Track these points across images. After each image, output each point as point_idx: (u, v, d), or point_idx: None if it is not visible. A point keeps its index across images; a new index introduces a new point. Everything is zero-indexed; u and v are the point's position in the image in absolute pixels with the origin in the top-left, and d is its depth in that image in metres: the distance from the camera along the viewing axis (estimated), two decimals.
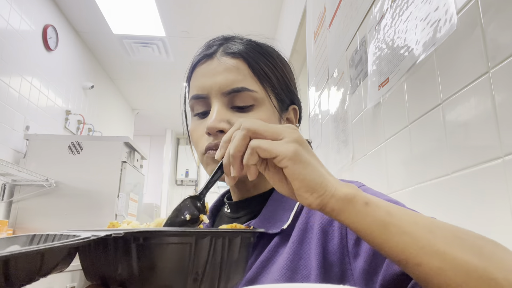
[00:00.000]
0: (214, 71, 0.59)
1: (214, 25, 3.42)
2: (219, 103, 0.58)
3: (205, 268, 0.38)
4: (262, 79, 0.60)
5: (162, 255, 0.36)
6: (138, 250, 0.36)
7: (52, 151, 2.62)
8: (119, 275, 0.37)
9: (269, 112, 0.60)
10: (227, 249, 0.40)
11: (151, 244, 0.36)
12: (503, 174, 0.57)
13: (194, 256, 0.37)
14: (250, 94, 0.58)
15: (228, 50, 0.61)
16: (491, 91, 0.60)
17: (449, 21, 0.72)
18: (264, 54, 0.62)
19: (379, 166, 1.05)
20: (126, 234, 0.34)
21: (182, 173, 6.39)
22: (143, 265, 0.36)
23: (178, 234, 0.37)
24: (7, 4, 2.51)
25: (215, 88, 0.58)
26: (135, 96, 5.08)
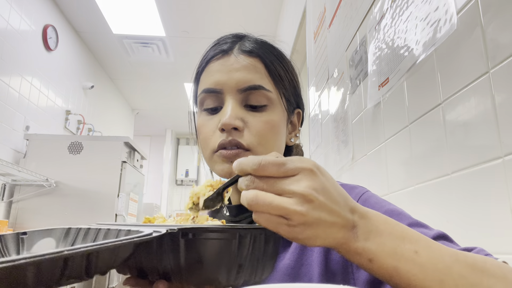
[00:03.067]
0: (231, 67, 0.58)
1: (214, 25, 3.42)
2: (234, 100, 0.57)
3: (246, 261, 0.40)
4: (276, 80, 0.60)
5: (209, 249, 0.38)
6: (187, 244, 0.38)
7: (52, 151, 2.62)
8: (163, 268, 0.39)
9: (281, 115, 0.60)
10: (263, 244, 0.41)
11: (200, 239, 0.38)
12: (503, 174, 0.57)
13: (238, 250, 0.39)
14: (266, 94, 0.58)
15: (245, 48, 0.60)
16: (491, 91, 0.60)
17: (449, 21, 0.72)
18: (278, 56, 0.63)
19: (379, 166, 1.05)
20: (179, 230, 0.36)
21: (182, 173, 6.39)
22: (190, 259, 0.38)
23: (223, 231, 0.38)
24: (7, 4, 2.51)
25: (231, 84, 0.57)
26: (135, 96, 5.08)
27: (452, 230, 0.70)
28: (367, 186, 1.14)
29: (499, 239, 0.58)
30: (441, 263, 0.35)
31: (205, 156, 0.61)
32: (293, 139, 0.65)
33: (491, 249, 0.60)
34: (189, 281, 0.39)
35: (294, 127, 0.66)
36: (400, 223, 0.38)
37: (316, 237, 0.34)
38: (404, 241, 0.36)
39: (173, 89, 4.80)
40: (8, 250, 0.42)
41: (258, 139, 0.56)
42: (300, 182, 0.33)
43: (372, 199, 0.52)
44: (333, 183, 0.36)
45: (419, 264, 0.35)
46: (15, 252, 0.43)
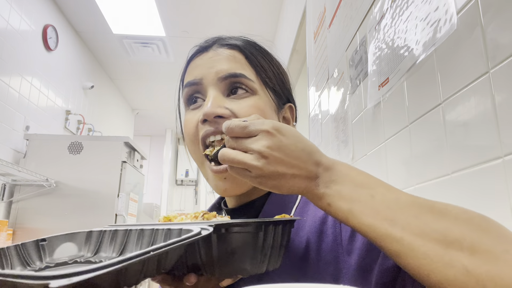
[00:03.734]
0: (210, 60, 0.58)
1: (214, 25, 3.42)
2: (215, 89, 0.56)
3: (270, 250, 0.44)
4: (258, 70, 0.59)
5: (239, 241, 0.41)
6: (219, 238, 0.40)
7: (52, 151, 2.62)
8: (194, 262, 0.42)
9: (265, 102, 0.58)
10: (280, 234, 0.46)
11: (231, 233, 0.41)
12: (503, 174, 0.57)
13: (264, 242, 0.43)
14: (247, 82, 0.56)
15: (224, 42, 0.60)
16: (491, 91, 0.60)
17: (449, 21, 0.72)
18: (260, 49, 0.62)
19: (379, 166, 1.05)
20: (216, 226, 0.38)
21: (182, 173, 6.39)
22: (222, 252, 0.41)
23: (249, 224, 0.42)
24: (7, 4, 2.51)
25: (211, 74, 0.56)
26: (135, 96, 5.08)
27: None
28: None
29: None
30: (395, 205, 0.37)
31: (195, 159, 0.60)
32: None
33: None
34: (220, 273, 0.41)
35: (288, 122, 0.65)
36: (367, 174, 0.41)
37: (280, 186, 0.40)
38: (362, 187, 0.39)
39: (173, 89, 4.75)
40: (31, 258, 0.43)
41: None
42: (258, 141, 0.39)
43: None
44: (294, 141, 0.40)
45: (372, 205, 0.38)
46: (38, 259, 0.43)
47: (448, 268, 0.32)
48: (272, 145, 0.39)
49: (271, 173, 0.39)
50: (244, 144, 0.40)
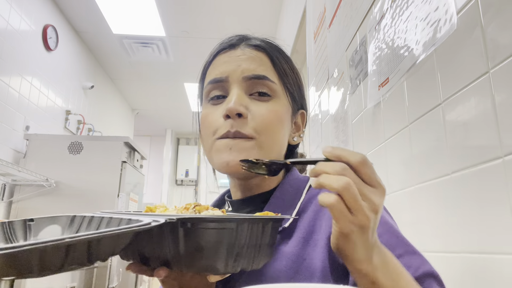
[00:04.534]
0: (238, 58, 0.59)
1: (214, 25, 3.42)
2: (239, 88, 0.58)
3: (244, 249, 0.42)
4: (281, 75, 0.61)
5: (207, 238, 0.40)
6: (186, 233, 0.39)
7: (52, 151, 2.62)
8: (164, 255, 0.41)
9: (285, 107, 0.60)
10: (261, 233, 0.44)
11: (198, 229, 0.39)
12: (503, 174, 0.57)
13: (235, 240, 0.41)
14: (271, 85, 0.58)
15: (251, 43, 0.62)
16: (491, 91, 0.60)
17: (449, 21, 0.72)
18: (283, 54, 0.64)
19: (379, 166, 1.05)
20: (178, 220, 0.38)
21: (182, 173, 6.39)
22: (189, 247, 0.40)
23: (221, 220, 0.40)
24: (7, 4, 2.51)
25: (237, 72, 0.58)
26: (135, 96, 5.08)
27: (452, 230, 0.70)
28: None
29: (499, 239, 0.58)
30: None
31: (206, 148, 0.61)
32: (296, 138, 0.65)
33: (491, 249, 0.60)
34: (188, 268, 0.41)
35: (298, 128, 0.66)
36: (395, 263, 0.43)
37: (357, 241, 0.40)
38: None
39: (173, 89, 4.79)
40: (16, 236, 0.45)
41: (262, 127, 0.56)
42: (377, 195, 0.39)
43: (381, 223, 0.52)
44: None
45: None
46: (22, 238, 0.45)
47: None
48: (382, 204, 0.40)
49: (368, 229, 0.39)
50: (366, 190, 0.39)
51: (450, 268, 0.70)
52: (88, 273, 2.34)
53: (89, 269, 2.34)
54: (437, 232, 0.76)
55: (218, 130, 0.57)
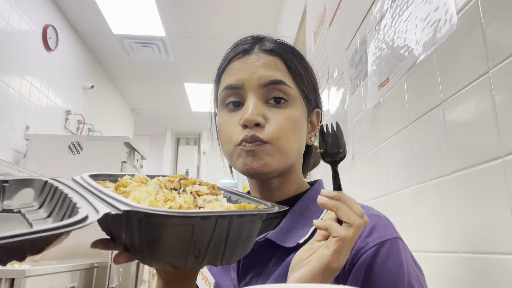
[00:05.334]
0: (252, 64, 0.59)
1: (214, 25, 3.42)
2: (255, 96, 0.58)
3: (208, 247, 0.39)
4: (297, 78, 0.61)
5: (162, 234, 0.37)
6: (140, 225, 0.37)
7: (52, 151, 2.62)
8: (124, 241, 0.39)
9: (301, 111, 0.61)
10: (232, 230, 0.40)
11: (151, 222, 0.37)
12: (503, 174, 0.57)
13: (196, 237, 0.37)
14: (287, 89, 0.59)
15: (265, 47, 0.61)
16: (491, 91, 0.60)
17: (449, 21, 0.72)
18: (297, 56, 0.64)
19: (379, 166, 1.05)
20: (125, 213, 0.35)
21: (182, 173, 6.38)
22: (144, 240, 0.37)
23: (178, 216, 0.36)
24: (7, 4, 2.51)
25: (253, 80, 0.58)
26: (135, 96, 5.08)
27: (452, 230, 0.70)
28: (367, 186, 1.14)
29: (499, 239, 0.58)
30: None
31: (226, 152, 0.62)
32: (312, 138, 0.66)
33: (491, 249, 0.60)
34: (144, 260, 0.40)
35: (313, 127, 0.67)
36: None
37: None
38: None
39: (173, 89, 4.79)
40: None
41: (278, 133, 0.57)
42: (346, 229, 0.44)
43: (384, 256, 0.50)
44: None
45: None
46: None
47: None
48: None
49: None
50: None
51: (450, 268, 0.70)
52: (88, 273, 2.34)
53: (89, 269, 2.34)
54: (437, 232, 0.76)
55: (236, 138, 0.58)
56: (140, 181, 0.47)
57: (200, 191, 0.47)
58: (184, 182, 0.46)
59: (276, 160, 0.57)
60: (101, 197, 0.38)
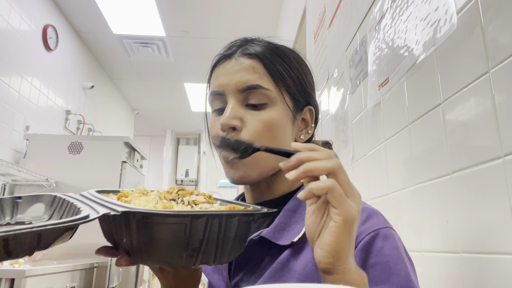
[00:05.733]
0: (232, 70, 0.61)
1: (214, 25, 3.42)
2: (235, 100, 0.60)
3: (201, 245, 0.41)
4: (276, 79, 0.61)
5: (158, 233, 0.39)
6: (138, 226, 0.39)
7: (52, 151, 2.62)
8: (125, 244, 0.42)
9: (282, 112, 0.61)
10: (223, 229, 0.42)
11: (148, 222, 0.39)
12: (503, 174, 0.57)
13: (189, 235, 0.40)
14: (264, 92, 0.59)
15: (245, 51, 0.63)
16: (491, 91, 0.60)
17: (449, 21, 0.72)
18: (281, 55, 0.64)
19: (379, 166, 1.05)
20: (124, 214, 0.38)
21: (182, 173, 6.39)
22: (141, 240, 0.40)
23: (173, 215, 0.39)
24: (7, 4, 2.51)
25: (231, 86, 0.60)
26: (135, 96, 5.08)
27: (452, 230, 0.70)
28: (367, 186, 1.14)
29: (499, 239, 0.58)
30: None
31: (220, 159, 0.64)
32: (303, 136, 0.66)
33: (491, 249, 0.60)
34: (144, 261, 0.42)
35: (306, 124, 0.67)
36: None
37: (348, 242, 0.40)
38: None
39: (173, 89, 4.79)
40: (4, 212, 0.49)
41: (253, 137, 0.58)
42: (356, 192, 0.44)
43: (379, 243, 0.50)
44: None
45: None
46: (9, 214, 0.50)
47: None
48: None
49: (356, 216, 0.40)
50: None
51: (450, 268, 0.70)
52: (88, 273, 2.34)
53: (89, 269, 2.34)
54: (437, 232, 0.76)
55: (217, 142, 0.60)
56: (141, 192, 0.50)
57: (197, 201, 0.49)
58: (182, 193, 0.49)
59: (254, 169, 0.58)
60: (103, 204, 0.42)
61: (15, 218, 0.50)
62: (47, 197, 0.52)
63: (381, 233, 0.51)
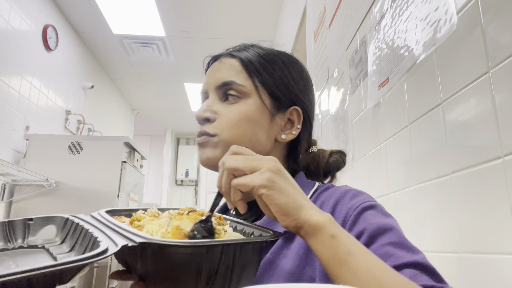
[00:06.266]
0: (215, 69, 0.66)
1: (214, 25, 3.42)
2: (213, 96, 0.65)
3: (216, 273, 0.42)
4: (252, 75, 0.64)
5: (173, 262, 0.40)
6: (154, 256, 0.40)
7: (52, 151, 2.62)
8: (139, 270, 0.43)
9: (255, 107, 0.63)
10: (238, 256, 0.44)
11: (164, 252, 0.40)
12: (503, 174, 0.57)
13: (205, 265, 0.41)
14: (237, 87, 0.63)
15: (232, 52, 0.67)
16: (491, 91, 0.60)
17: (449, 21, 0.72)
18: (264, 56, 0.66)
19: (379, 166, 1.05)
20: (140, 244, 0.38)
21: (182, 173, 6.39)
22: (156, 268, 0.41)
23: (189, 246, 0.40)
24: (7, 4, 2.51)
25: (211, 84, 0.65)
26: (135, 96, 5.08)
27: (452, 230, 0.70)
28: (367, 186, 1.14)
29: (499, 239, 0.58)
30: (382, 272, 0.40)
31: None
32: (284, 136, 0.66)
33: (491, 249, 0.60)
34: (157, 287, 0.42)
35: (291, 124, 0.66)
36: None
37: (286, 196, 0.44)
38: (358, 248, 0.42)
39: (173, 89, 4.79)
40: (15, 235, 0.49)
41: (224, 125, 0.62)
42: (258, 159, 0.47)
43: (370, 212, 0.53)
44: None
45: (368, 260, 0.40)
46: (21, 237, 0.50)
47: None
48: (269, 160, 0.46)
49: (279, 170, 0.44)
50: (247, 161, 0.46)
51: (450, 268, 0.70)
52: (88, 273, 2.34)
53: (89, 270, 2.34)
54: (437, 232, 0.76)
55: None
56: (153, 215, 0.51)
57: None
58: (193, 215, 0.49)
59: (220, 152, 0.61)
60: (118, 231, 0.42)
61: (27, 240, 0.50)
62: (59, 219, 0.53)
63: (369, 205, 0.54)
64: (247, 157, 0.45)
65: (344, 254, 0.40)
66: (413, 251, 0.47)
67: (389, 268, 0.40)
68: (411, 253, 0.46)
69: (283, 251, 0.54)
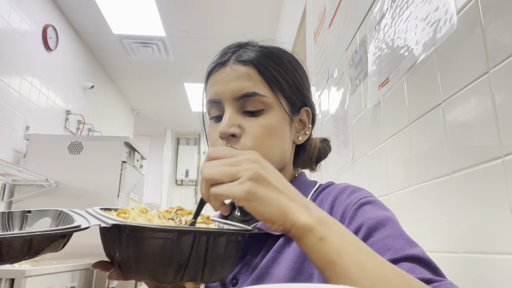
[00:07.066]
0: (227, 78, 0.61)
1: (214, 25, 3.42)
2: (231, 108, 0.60)
3: (188, 262, 0.42)
4: (272, 84, 0.61)
5: (145, 246, 0.41)
6: (127, 239, 0.41)
7: (52, 151, 2.62)
8: (117, 258, 0.43)
9: (279, 116, 0.62)
10: (211, 246, 0.43)
11: (136, 236, 0.41)
12: (503, 174, 0.57)
13: (176, 251, 0.41)
14: (260, 99, 0.60)
15: (240, 58, 0.63)
16: (491, 91, 0.60)
17: (449, 21, 0.72)
18: (275, 59, 0.64)
19: (379, 166, 1.05)
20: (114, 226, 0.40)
21: (182, 173, 6.39)
22: (130, 253, 0.41)
23: (160, 230, 0.40)
24: (7, 4, 2.51)
25: (227, 94, 0.60)
26: (135, 96, 5.08)
27: (452, 230, 0.70)
28: (367, 186, 1.14)
29: (500, 239, 0.58)
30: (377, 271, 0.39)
31: None
32: (301, 137, 0.67)
33: (491, 249, 0.60)
34: (133, 275, 0.43)
35: (303, 125, 0.67)
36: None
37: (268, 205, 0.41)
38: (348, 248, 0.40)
39: (173, 89, 4.79)
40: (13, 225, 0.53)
41: (254, 143, 0.58)
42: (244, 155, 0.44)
43: (368, 207, 0.53)
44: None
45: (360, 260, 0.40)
46: (18, 227, 0.53)
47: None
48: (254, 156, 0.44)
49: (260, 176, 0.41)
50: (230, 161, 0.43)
51: (450, 268, 0.70)
52: (88, 273, 2.34)
53: (89, 269, 2.34)
54: (437, 232, 0.76)
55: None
56: (141, 211, 0.50)
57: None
58: (180, 213, 0.49)
59: None
60: (99, 218, 0.44)
61: (23, 229, 0.53)
62: (53, 211, 0.55)
63: (368, 200, 0.54)
64: (224, 162, 0.42)
65: (334, 256, 0.39)
66: (412, 245, 0.47)
67: (383, 265, 0.40)
68: (409, 247, 0.47)
69: (284, 249, 0.55)
